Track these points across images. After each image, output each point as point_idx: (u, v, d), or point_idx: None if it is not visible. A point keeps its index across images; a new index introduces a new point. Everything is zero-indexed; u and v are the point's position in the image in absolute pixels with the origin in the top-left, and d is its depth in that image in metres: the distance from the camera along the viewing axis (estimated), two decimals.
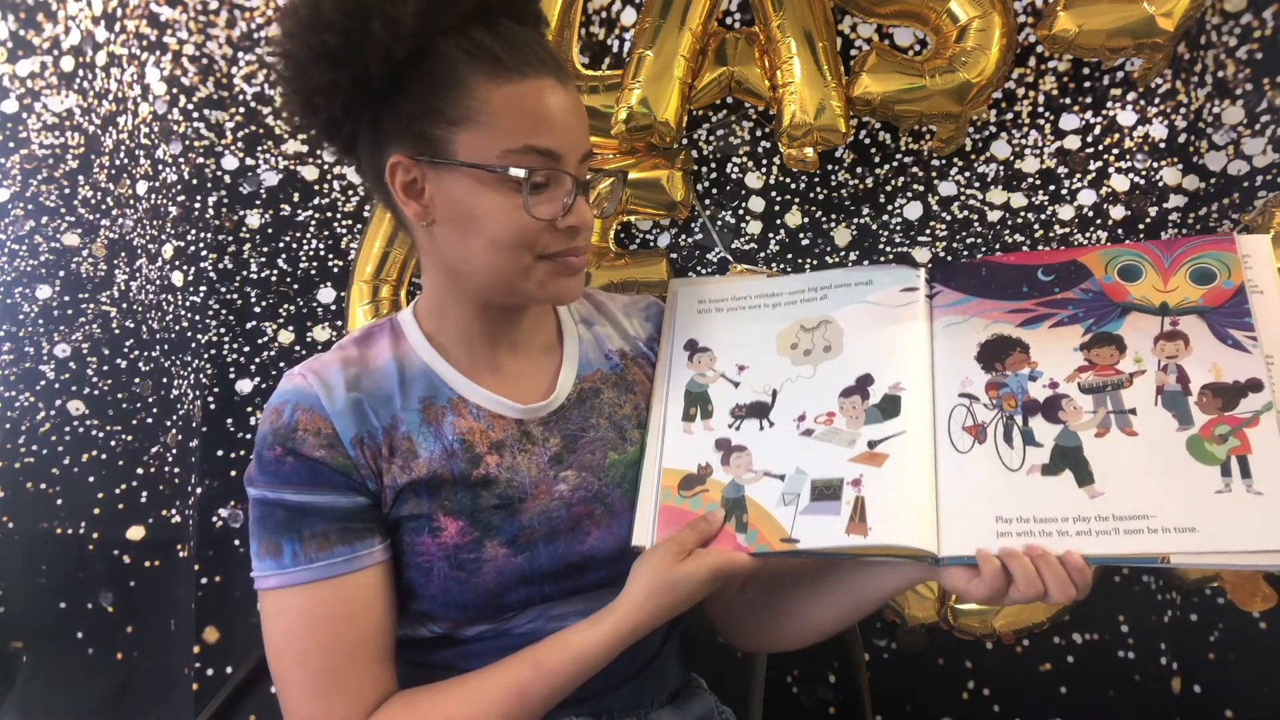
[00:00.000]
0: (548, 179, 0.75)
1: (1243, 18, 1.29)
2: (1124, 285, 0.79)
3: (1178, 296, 0.77)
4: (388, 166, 0.76)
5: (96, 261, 1.62)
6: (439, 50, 0.73)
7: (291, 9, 0.73)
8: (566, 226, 0.77)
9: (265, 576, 0.75)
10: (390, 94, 0.74)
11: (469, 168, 0.74)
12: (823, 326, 0.87)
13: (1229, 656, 1.35)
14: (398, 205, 0.78)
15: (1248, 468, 0.69)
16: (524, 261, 0.77)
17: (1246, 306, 0.74)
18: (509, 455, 0.81)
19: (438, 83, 0.73)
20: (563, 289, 0.80)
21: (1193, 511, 0.68)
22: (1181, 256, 0.79)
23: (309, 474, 0.75)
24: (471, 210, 0.75)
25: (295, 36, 0.73)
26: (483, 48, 0.73)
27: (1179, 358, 0.74)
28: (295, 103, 0.76)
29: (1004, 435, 0.76)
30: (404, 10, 0.70)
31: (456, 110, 0.73)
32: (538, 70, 0.74)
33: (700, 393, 0.88)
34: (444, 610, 0.80)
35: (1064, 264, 0.82)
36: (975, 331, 0.81)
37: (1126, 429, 0.73)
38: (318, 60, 0.72)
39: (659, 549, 0.78)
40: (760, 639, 0.93)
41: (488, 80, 0.73)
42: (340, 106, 0.74)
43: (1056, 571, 0.69)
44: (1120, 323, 0.77)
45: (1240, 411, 0.71)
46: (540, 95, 0.74)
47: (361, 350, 0.83)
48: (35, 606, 1.63)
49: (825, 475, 0.79)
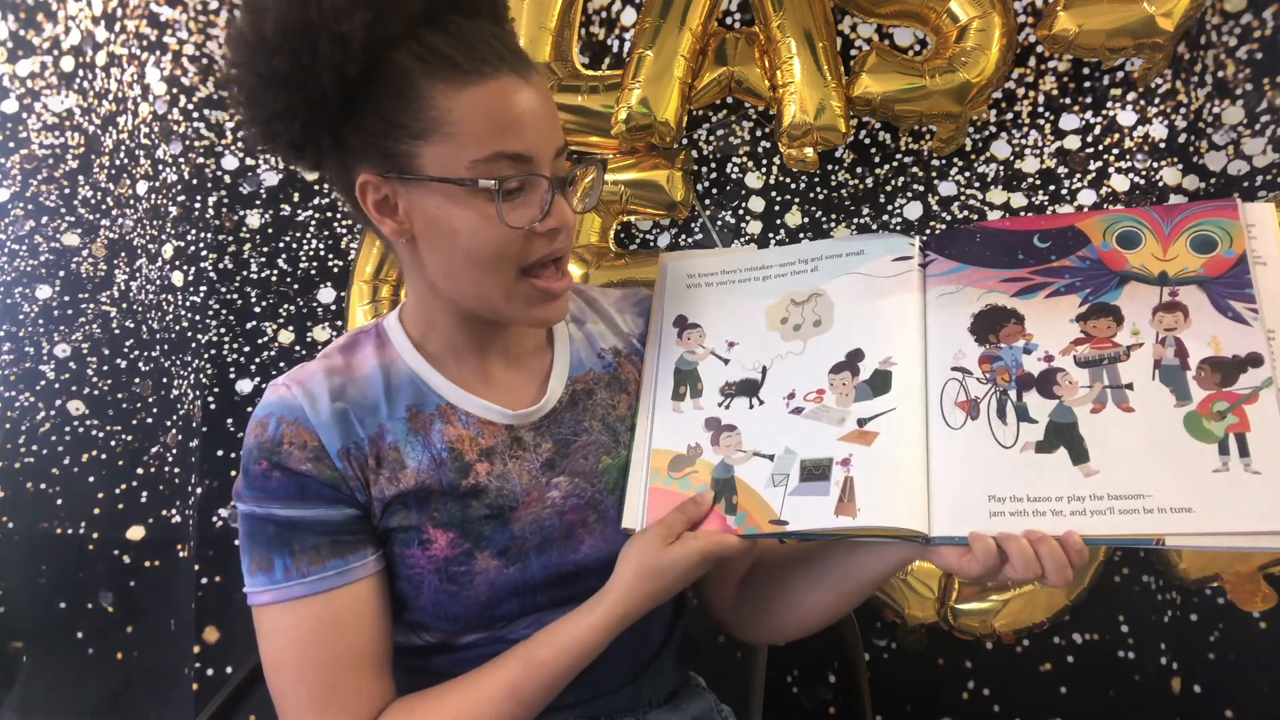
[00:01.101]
0: (521, 184, 0.72)
1: (1243, 18, 1.29)
2: (1122, 253, 0.76)
3: (1177, 265, 0.74)
4: (357, 186, 0.73)
5: (96, 261, 1.62)
6: (392, 61, 0.70)
7: (236, 35, 0.70)
8: (547, 230, 0.75)
9: (258, 592, 0.75)
10: (349, 112, 0.71)
11: (438, 182, 0.71)
12: (813, 300, 0.85)
13: (1229, 656, 1.35)
14: (373, 223, 0.76)
15: (1246, 446, 0.67)
16: (506, 277, 0.75)
17: (1248, 277, 0.71)
18: (499, 463, 0.80)
19: (396, 96, 0.70)
20: (547, 313, 0.78)
21: (1189, 491, 0.67)
22: (1182, 223, 0.76)
23: (297, 488, 0.74)
24: (447, 225, 0.73)
25: (243, 64, 0.70)
26: (436, 52, 0.70)
27: (1177, 330, 0.72)
28: (256, 130, 0.73)
29: (997, 411, 0.74)
30: (351, 25, 0.67)
31: (419, 123, 0.70)
32: (497, 69, 0.71)
33: (690, 370, 0.86)
34: (435, 622, 0.80)
35: (1061, 229, 0.79)
36: (969, 302, 0.79)
37: (1123, 405, 0.71)
38: (269, 85, 0.69)
39: (647, 533, 0.77)
40: (758, 629, 0.92)
41: (446, 87, 0.69)
42: (300, 130, 0.71)
43: (1055, 554, 0.68)
44: (1118, 293, 0.75)
45: (1239, 387, 0.69)
46: (503, 96, 0.71)
47: (347, 358, 0.81)
48: (35, 606, 1.63)
49: (814, 455, 0.77)
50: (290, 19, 0.68)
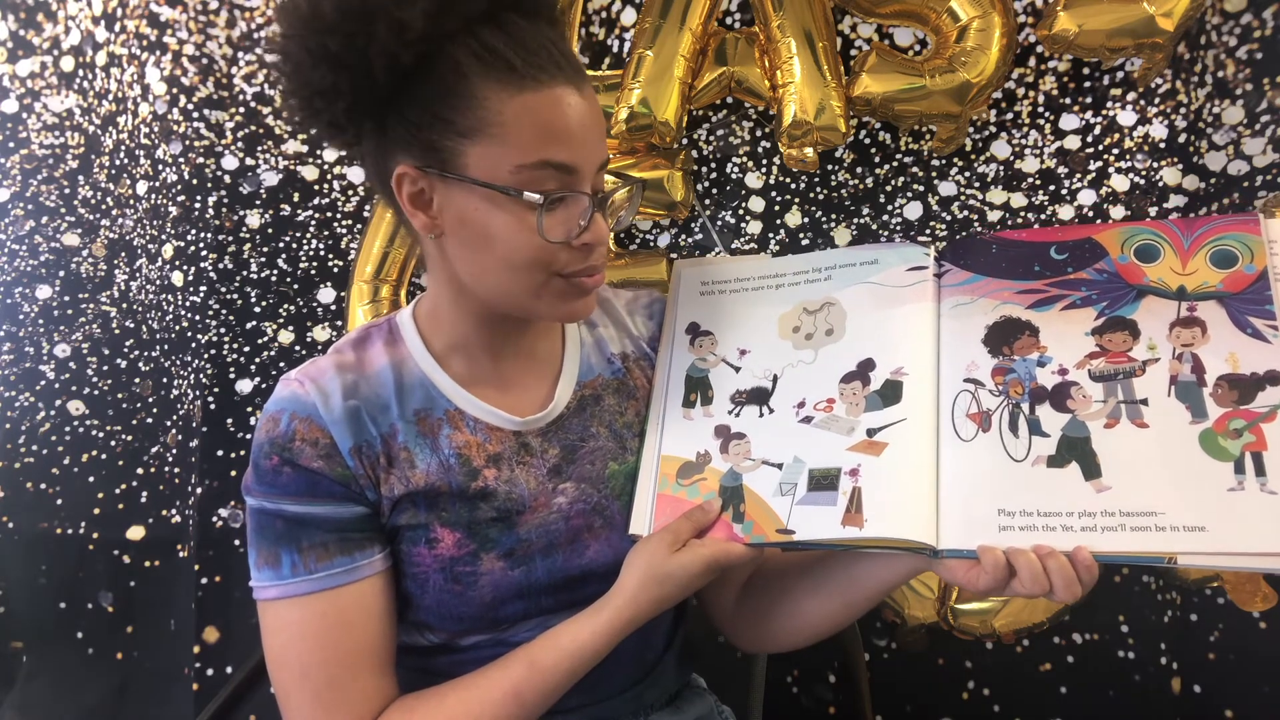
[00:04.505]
0: (563, 196, 0.71)
1: (1243, 18, 1.29)
2: (1140, 266, 0.75)
3: (1196, 280, 0.73)
4: (394, 175, 0.72)
5: (96, 261, 1.62)
6: (448, 55, 0.68)
7: (291, 5, 0.69)
8: (582, 244, 0.73)
9: (264, 587, 0.75)
10: (397, 100, 0.70)
11: (481, 186, 0.70)
12: (825, 309, 0.85)
13: (1229, 656, 1.35)
14: (404, 215, 0.75)
15: (1262, 465, 0.65)
16: (538, 280, 0.74)
17: (1269, 294, 0.70)
18: (507, 468, 0.80)
19: (447, 91, 0.69)
20: (576, 309, 0.77)
21: (1203, 510, 0.65)
22: (1202, 237, 0.74)
23: (307, 484, 0.74)
24: (483, 228, 0.71)
25: (294, 36, 0.69)
26: (495, 53, 0.68)
27: (1195, 346, 0.71)
28: (296, 103, 0.72)
29: (1009, 424, 0.73)
30: (411, 13, 0.65)
31: (467, 121, 0.69)
32: (554, 77, 0.69)
33: (701, 377, 0.86)
34: (440, 621, 0.80)
35: (1079, 241, 0.78)
36: (983, 313, 0.78)
37: (1137, 420, 0.70)
38: (318, 63, 0.68)
39: (653, 539, 0.77)
40: (757, 637, 0.92)
41: (500, 89, 0.68)
42: (343, 110, 0.70)
43: (1065, 570, 0.66)
44: (1135, 306, 0.74)
45: (1257, 405, 0.67)
46: (556, 105, 0.69)
47: (358, 354, 0.81)
48: (35, 606, 1.63)
49: (823, 464, 0.77)
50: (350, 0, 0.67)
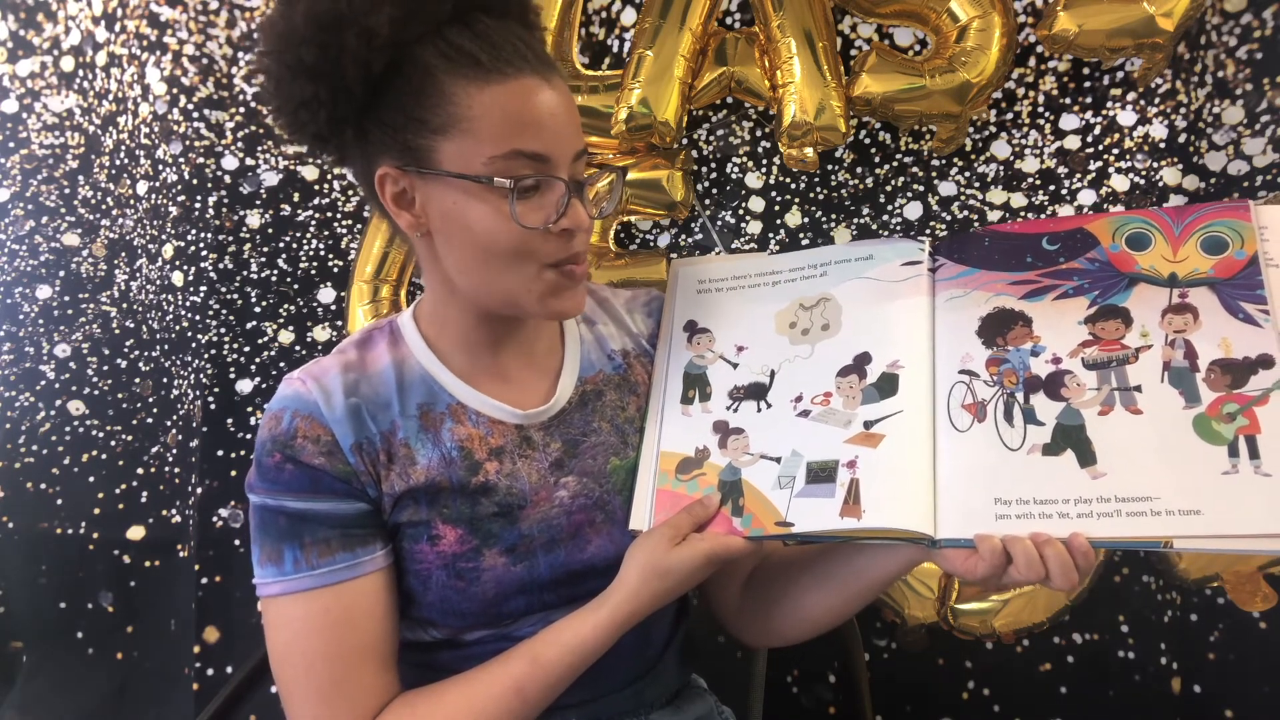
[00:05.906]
0: (537, 184, 0.73)
1: (1243, 18, 1.29)
2: (1132, 254, 0.76)
3: (1187, 267, 0.74)
4: (376, 178, 0.75)
5: (96, 261, 1.62)
6: (416, 58, 0.71)
7: (268, 24, 0.72)
8: (561, 230, 0.75)
9: (267, 584, 0.75)
10: (373, 105, 0.72)
11: (455, 178, 0.72)
12: (821, 304, 0.86)
13: (1229, 656, 1.35)
14: (391, 216, 0.77)
15: (1256, 448, 0.66)
16: (525, 272, 0.75)
17: (1260, 278, 0.71)
18: (509, 462, 0.81)
19: (417, 92, 0.71)
20: (565, 305, 0.78)
21: (1198, 493, 0.66)
22: (1193, 224, 0.75)
23: (310, 481, 0.75)
24: (463, 221, 0.74)
25: (272, 53, 0.72)
26: (460, 50, 0.71)
27: (1187, 332, 0.71)
28: (283, 117, 0.75)
29: (1004, 414, 0.74)
30: (378, 20, 0.68)
31: (439, 119, 0.71)
32: (520, 69, 0.71)
33: (699, 374, 0.87)
34: (443, 618, 0.80)
35: (1070, 232, 0.79)
36: (977, 305, 0.79)
37: (1131, 407, 0.71)
38: (296, 76, 0.71)
39: (653, 534, 0.77)
40: (761, 631, 0.93)
41: (468, 84, 0.70)
42: (325, 120, 0.73)
43: (1061, 557, 0.67)
44: (1127, 294, 0.75)
45: (1250, 389, 0.68)
46: (524, 96, 0.71)
47: (361, 354, 0.82)
48: (35, 606, 1.63)
49: (821, 457, 0.77)
50: (320, 11, 0.69)
